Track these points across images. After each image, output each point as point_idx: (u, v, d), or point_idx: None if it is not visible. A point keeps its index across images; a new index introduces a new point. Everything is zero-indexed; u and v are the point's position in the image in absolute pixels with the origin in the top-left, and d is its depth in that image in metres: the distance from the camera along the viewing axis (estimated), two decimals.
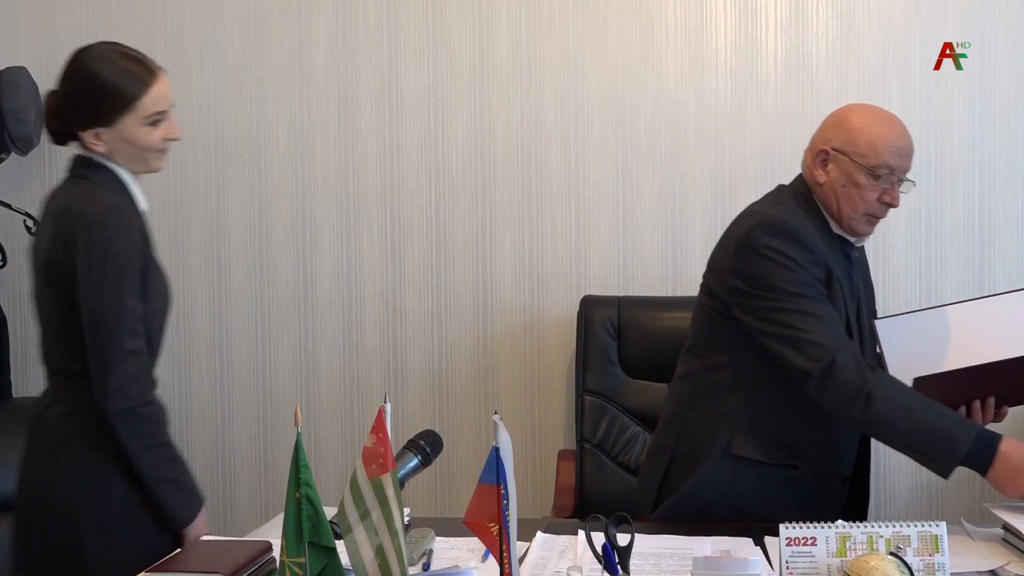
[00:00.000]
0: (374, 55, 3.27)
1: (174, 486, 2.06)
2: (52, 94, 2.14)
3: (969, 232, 3.14)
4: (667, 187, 3.21)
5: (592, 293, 3.16)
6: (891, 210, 3.10)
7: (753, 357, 2.21)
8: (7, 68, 3.22)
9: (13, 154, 3.28)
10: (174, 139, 2.14)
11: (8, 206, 3.30)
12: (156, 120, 2.09)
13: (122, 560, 1.94)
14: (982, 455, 1.99)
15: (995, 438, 2.00)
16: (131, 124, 2.07)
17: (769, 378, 2.21)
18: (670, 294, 3.19)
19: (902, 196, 2.23)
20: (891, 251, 3.15)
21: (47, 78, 3.27)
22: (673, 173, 3.21)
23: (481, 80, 3.25)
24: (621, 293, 3.18)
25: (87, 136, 2.08)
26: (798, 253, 2.16)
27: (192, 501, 2.09)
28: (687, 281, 3.20)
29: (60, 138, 2.14)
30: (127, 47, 2.16)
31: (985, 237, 3.13)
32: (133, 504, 2.03)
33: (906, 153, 2.22)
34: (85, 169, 2.11)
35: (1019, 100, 3.11)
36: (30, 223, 3.33)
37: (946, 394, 2.11)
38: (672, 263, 3.20)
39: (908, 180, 2.23)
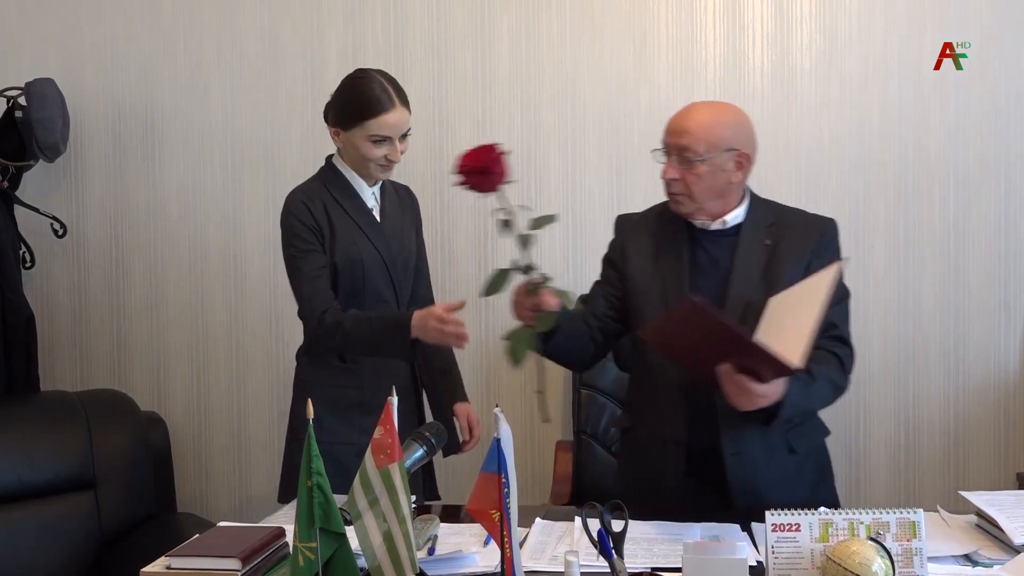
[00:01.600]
0: (382, 66, 3.23)
1: (378, 347, 2.39)
2: None
3: (944, 234, 3.13)
4: (659, 192, 3.17)
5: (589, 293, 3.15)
6: (873, 213, 3.14)
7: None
8: (36, 80, 3.21)
9: (41, 161, 3.28)
10: (393, 161, 2.43)
11: (36, 210, 3.30)
12: (379, 141, 2.39)
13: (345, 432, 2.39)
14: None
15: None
16: (358, 136, 2.40)
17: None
18: None
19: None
20: (871, 251, 3.15)
21: (73, 89, 3.32)
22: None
23: (483, 91, 3.25)
24: None
25: (331, 131, 2.47)
26: None
27: (395, 345, 2.35)
28: None
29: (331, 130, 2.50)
30: (392, 78, 2.43)
31: (960, 238, 3.13)
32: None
33: (669, 130, 2.24)
34: (324, 166, 2.53)
35: (990, 110, 3.10)
36: (57, 227, 3.34)
37: (681, 344, 2.05)
38: None
39: (661, 151, 2.23)
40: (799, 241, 2.24)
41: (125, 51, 3.38)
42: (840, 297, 2.25)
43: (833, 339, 2.20)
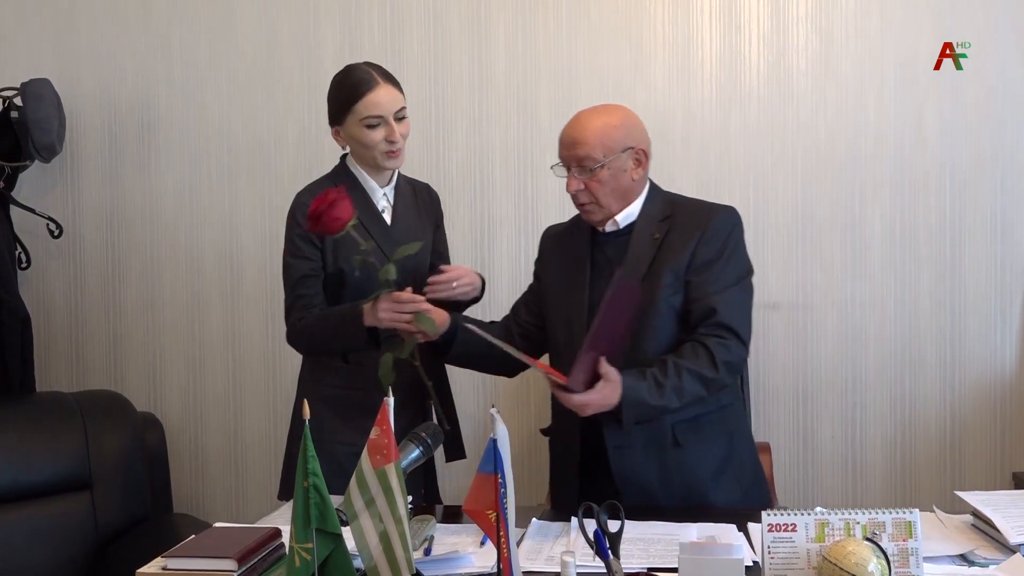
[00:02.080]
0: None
1: (335, 340, 2.34)
2: None
3: (940, 234, 3.13)
4: None
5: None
6: (869, 214, 3.14)
7: None
8: (32, 80, 3.21)
9: (37, 161, 3.28)
10: (394, 142, 2.33)
11: (32, 211, 3.30)
12: (373, 123, 2.31)
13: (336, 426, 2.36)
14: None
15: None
16: (353, 125, 2.33)
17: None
18: None
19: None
20: (868, 251, 3.15)
21: (69, 89, 3.31)
22: (661, 178, 3.18)
23: (480, 91, 3.25)
24: None
25: (332, 132, 2.39)
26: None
27: (351, 335, 2.28)
28: None
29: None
30: (376, 64, 2.36)
31: (956, 239, 3.13)
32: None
33: (563, 143, 2.24)
34: (336, 165, 2.45)
35: (986, 111, 3.11)
36: (53, 227, 3.33)
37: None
38: None
39: (560, 166, 2.24)
40: (686, 231, 2.22)
41: (121, 51, 3.38)
42: (733, 280, 2.21)
43: (712, 326, 2.15)
